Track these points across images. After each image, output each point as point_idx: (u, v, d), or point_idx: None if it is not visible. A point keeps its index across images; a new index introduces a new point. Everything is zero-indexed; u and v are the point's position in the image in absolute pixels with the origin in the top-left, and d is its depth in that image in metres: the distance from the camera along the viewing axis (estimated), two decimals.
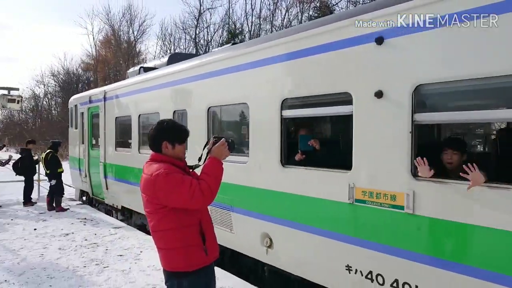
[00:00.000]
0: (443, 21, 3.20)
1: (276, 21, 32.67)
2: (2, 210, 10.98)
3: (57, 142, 11.66)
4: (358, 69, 3.90)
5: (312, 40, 4.36)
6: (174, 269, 2.88)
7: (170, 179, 2.72)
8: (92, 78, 49.45)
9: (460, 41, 3.13)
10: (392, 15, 3.57)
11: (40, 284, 5.59)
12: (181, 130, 3.02)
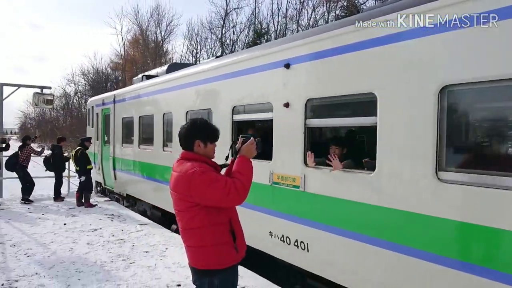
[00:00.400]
0: (319, 56, 4.76)
1: (302, 21, 32.48)
2: (34, 205, 11.34)
3: (86, 138, 11.95)
4: (276, 86, 5.41)
5: (251, 62, 5.98)
6: (205, 267, 2.88)
7: (206, 177, 2.74)
8: (120, 77, 50.46)
9: (329, 70, 4.66)
10: (296, 47, 5.11)
11: (69, 278, 5.74)
12: (214, 129, 3.06)
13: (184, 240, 2.99)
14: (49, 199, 12.14)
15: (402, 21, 3.78)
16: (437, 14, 3.49)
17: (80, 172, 11.20)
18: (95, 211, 10.50)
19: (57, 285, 5.46)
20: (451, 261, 3.39)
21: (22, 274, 5.85)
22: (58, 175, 12.15)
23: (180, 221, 2.95)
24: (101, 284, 5.50)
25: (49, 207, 11.14)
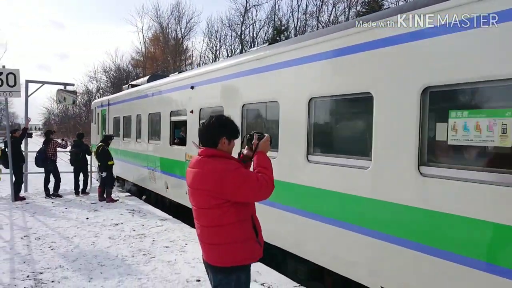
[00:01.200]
0: (206, 83, 7.93)
1: (322, 17, 32.25)
2: (58, 199, 11.60)
3: (108, 135, 12.14)
4: (187, 99, 8.82)
5: (179, 83, 9.39)
6: (233, 264, 2.86)
7: (240, 173, 2.78)
8: (141, 74, 51.07)
9: (212, 91, 7.74)
10: (195, 77, 8.53)
11: (91, 271, 5.85)
12: (237, 127, 3.08)
13: (205, 238, 2.92)
14: (72, 194, 12.40)
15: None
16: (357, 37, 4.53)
17: (102, 168, 11.40)
18: (116, 206, 10.67)
19: (80, 278, 5.57)
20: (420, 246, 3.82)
21: (47, 267, 5.99)
22: (85, 170, 12.58)
23: (202, 218, 2.90)
24: (122, 277, 5.60)
25: (72, 201, 11.38)
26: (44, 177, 12.04)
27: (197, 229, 3.02)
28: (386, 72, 4.14)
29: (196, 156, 3.01)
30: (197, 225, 3.00)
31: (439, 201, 3.63)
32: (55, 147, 12.08)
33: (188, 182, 2.99)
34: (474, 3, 3.37)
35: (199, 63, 44.81)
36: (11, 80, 10.79)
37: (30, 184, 12.98)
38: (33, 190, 12.79)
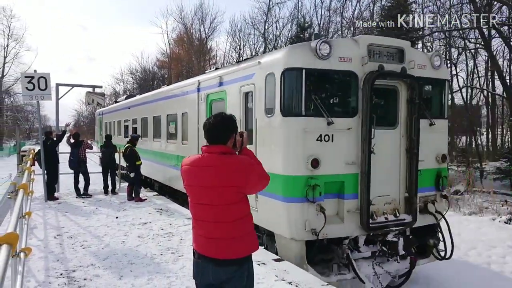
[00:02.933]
0: (134, 105, 16.15)
1: (346, 13, 31.85)
2: (89, 199, 11.89)
3: (135, 136, 12.36)
4: (128, 114, 16.79)
5: (130, 102, 17.16)
6: (247, 254, 2.93)
7: (260, 168, 2.98)
8: (166, 75, 51.74)
9: (142, 110, 14.98)
10: (131, 102, 16.92)
11: (122, 269, 5.97)
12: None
13: (219, 234, 2.88)
14: (101, 194, 12.70)
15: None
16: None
17: (129, 168, 11.61)
18: (144, 205, 10.86)
19: (111, 276, 5.69)
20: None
21: (79, 265, 6.15)
22: (113, 170, 12.87)
23: (217, 215, 2.88)
24: (151, 276, 5.69)
25: (102, 201, 11.64)
26: (74, 178, 12.38)
27: (202, 227, 2.96)
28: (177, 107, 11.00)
29: (201, 154, 2.97)
30: (205, 223, 2.94)
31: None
32: (85, 149, 12.44)
33: (194, 181, 2.95)
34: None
35: (223, 63, 45.07)
36: (42, 84, 11.10)
37: (62, 185, 13.35)
38: (64, 190, 13.15)
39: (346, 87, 6.24)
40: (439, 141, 6.81)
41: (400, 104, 6.45)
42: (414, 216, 6.36)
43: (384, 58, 6.30)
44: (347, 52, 6.02)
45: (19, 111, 58.90)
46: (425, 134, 6.47)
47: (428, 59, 6.81)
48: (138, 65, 57.49)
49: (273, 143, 6.26)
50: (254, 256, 3.05)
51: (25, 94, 11.12)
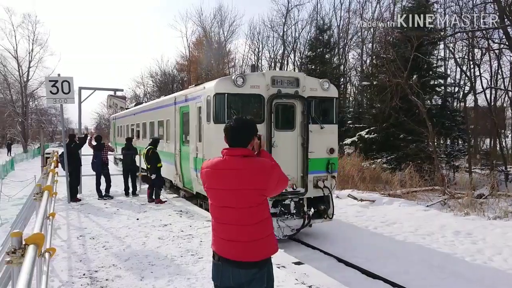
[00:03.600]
0: (138, 112, 18.73)
1: (366, 14, 31.56)
2: (110, 200, 12.08)
3: (157, 139, 12.50)
4: (134, 119, 19.38)
5: (138, 109, 19.34)
6: (267, 256, 2.93)
7: (280, 170, 2.99)
8: (186, 78, 52.16)
9: (144, 116, 17.60)
10: (137, 109, 19.40)
11: (143, 270, 6.04)
12: None
13: (241, 237, 2.89)
14: (122, 195, 12.88)
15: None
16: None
17: (151, 170, 11.74)
18: (164, 207, 10.96)
19: (132, 277, 5.76)
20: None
21: (101, 265, 6.25)
22: (133, 172, 13.13)
23: (240, 218, 2.89)
24: (172, 277, 5.73)
25: (123, 202, 11.80)
26: (96, 180, 12.60)
27: (223, 229, 2.97)
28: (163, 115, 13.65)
29: (222, 157, 2.99)
30: (226, 225, 2.95)
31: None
32: (107, 152, 12.69)
33: (215, 183, 2.97)
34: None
35: (241, 65, 45.22)
36: (66, 88, 11.33)
37: (84, 186, 13.60)
38: (86, 192, 13.39)
39: (256, 104, 8.88)
40: (329, 139, 9.35)
41: (296, 114, 9.04)
42: (306, 189, 8.91)
43: (284, 85, 8.93)
44: (256, 81, 8.75)
45: (43, 114, 60.38)
46: (318, 134, 9.04)
47: (319, 83, 9.34)
48: (158, 69, 58.21)
49: (210, 139, 9.01)
50: (273, 258, 3.04)
51: (49, 97, 11.38)
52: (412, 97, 15.36)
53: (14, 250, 2.44)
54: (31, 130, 55.95)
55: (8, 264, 2.50)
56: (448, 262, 7.77)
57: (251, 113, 8.81)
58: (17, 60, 47.36)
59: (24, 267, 2.10)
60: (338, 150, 14.39)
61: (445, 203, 12.49)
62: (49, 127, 67.94)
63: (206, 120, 9.20)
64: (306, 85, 9.13)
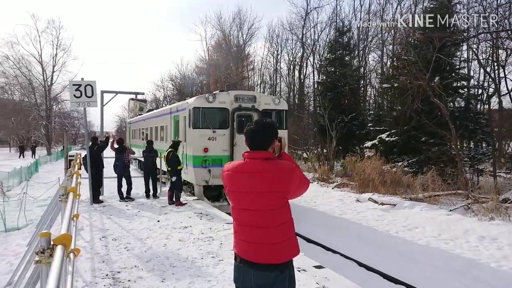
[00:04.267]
0: (148, 118, 21.75)
1: (387, 16, 31.23)
2: (131, 202, 12.24)
3: (177, 141, 12.62)
4: (146, 124, 22.13)
5: (150, 115, 21.41)
6: (289, 258, 2.93)
7: (301, 172, 2.99)
8: (205, 81, 52.53)
9: (149, 121, 21.47)
10: (147, 115, 22.26)
11: (164, 272, 6.09)
12: None
13: (263, 239, 2.90)
14: (143, 197, 13.04)
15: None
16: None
17: (171, 173, 11.85)
18: (185, 209, 11.04)
19: (153, 278, 5.82)
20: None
21: (123, 266, 6.33)
22: (154, 175, 13.31)
23: (263, 220, 2.90)
24: (193, 279, 5.76)
25: (144, 204, 11.95)
26: (118, 182, 12.80)
27: (245, 232, 2.97)
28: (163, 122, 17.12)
29: (243, 160, 3.00)
30: (248, 228, 2.96)
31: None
32: (129, 154, 12.89)
33: (237, 186, 2.98)
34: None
35: (260, 68, 45.31)
36: (89, 91, 11.55)
37: (105, 188, 13.83)
38: (108, 193, 13.61)
39: (223, 115, 12.08)
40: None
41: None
42: None
43: (244, 101, 12.09)
44: (223, 98, 12.04)
45: (66, 117, 61.69)
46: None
47: (272, 99, 12.82)
48: (178, 72, 58.83)
49: (190, 140, 12.33)
50: (294, 262, 3.03)
51: (73, 101, 11.61)
52: (434, 99, 15.08)
53: (43, 250, 2.50)
54: (54, 133, 57.19)
55: (37, 264, 2.57)
56: (472, 267, 7.60)
57: (219, 122, 12.09)
58: (41, 64, 48.54)
59: (53, 267, 2.15)
60: (358, 153, 18.72)
61: (468, 208, 12.22)
62: (71, 130, 69.35)
63: (188, 126, 12.29)
64: (261, 101, 12.30)
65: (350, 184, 17.06)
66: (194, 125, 11.78)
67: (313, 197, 14.86)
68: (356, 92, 27.97)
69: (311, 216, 11.85)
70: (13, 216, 10.54)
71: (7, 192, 16.18)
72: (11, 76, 50.67)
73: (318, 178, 19.25)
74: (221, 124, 11.98)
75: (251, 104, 12.07)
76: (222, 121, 11.92)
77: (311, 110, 35.69)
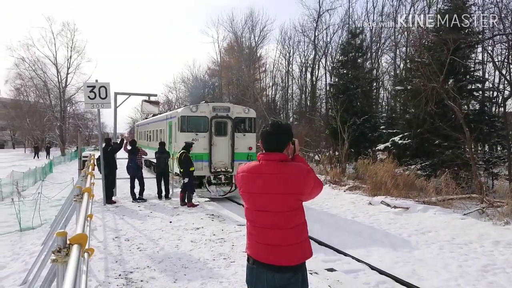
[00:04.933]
0: (152, 122, 25.09)
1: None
2: (144, 203, 12.34)
3: (190, 143, 12.70)
4: (147, 127, 26.79)
5: (150, 119, 25.49)
6: (302, 260, 2.94)
7: (315, 175, 2.97)
8: (217, 83, 52.72)
9: (150, 125, 25.75)
10: (150, 119, 25.74)
11: (176, 272, 6.13)
12: None
13: (278, 241, 2.90)
14: (155, 198, 13.13)
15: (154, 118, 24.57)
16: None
17: (183, 174, 11.91)
18: (196, 211, 11.10)
19: (166, 279, 5.86)
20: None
21: (136, 267, 6.39)
22: (166, 176, 13.40)
23: (278, 221, 2.90)
24: (205, 280, 5.79)
25: (156, 205, 12.03)
26: (130, 183, 12.91)
27: (259, 233, 2.97)
28: (161, 126, 20.30)
29: (258, 162, 3.01)
30: (262, 229, 2.96)
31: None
32: (142, 155, 12.99)
33: (252, 188, 2.98)
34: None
35: (272, 70, 45.32)
36: (103, 93, 11.70)
37: (118, 189, 13.96)
38: (121, 194, 13.73)
39: (203, 122, 14.83)
40: (249, 141, 15.16)
41: (228, 127, 15.04)
42: (232, 169, 14.47)
43: (220, 110, 14.93)
44: (204, 109, 14.89)
45: (79, 118, 62.41)
46: (241, 139, 15.01)
47: (243, 109, 15.59)
48: (190, 74, 59.15)
49: (178, 141, 14.60)
50: (306, 264, 3.03)
51: (87, 102, 11.77)
52: (449, 102, 14.90)
53: (59, 249, 2.54)
54: (68, 134, 57.90)
55: (53, 263, 2.60)
56: (487, 272, 7.48)
57: (201, 127, 14.87)
58: (56, 66, 49.22)
59: (70, 266, 2.18)
60: (370, 155, 19.86)
61: (483, 212, 12.04)
62: (85, 131, 70.14)
63: (177, 130, 15.20)
64: (234, 111, 15.24)
65: (362, 187, 16.93)
66: (181, 129, 14.80)
67: (325, 199, 14.79)
68: (368, 94, 27.78)
69: (323, 218, 11.80)
70: (28, 215, 10.69)
71: (22, 192, 16.41)
72: (26, 78, 51.68)
73: (330, 180, 19.15)
74: (202, 129, 14.82)
75: (225, 113, 15.00)
76: (202, 126, 14.87)
77: (323, 112, 35.57)
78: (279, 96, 45.00)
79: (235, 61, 48.06)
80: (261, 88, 45.41)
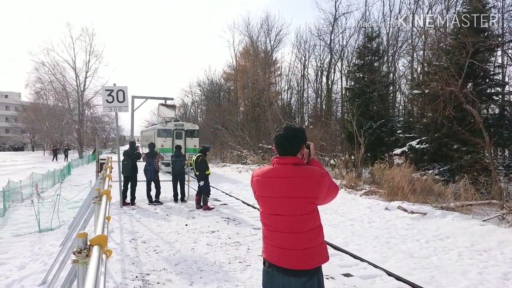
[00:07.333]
0: (150, 130, 37.70)
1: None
2: (160, 206, 12.43)
3: (206, 147, 12.75)
4: (144, 134, 41.37)
5: (150, 128, 38.80)
6: (318, 264, 2.93)
7: (330, 179, 2.97)
8: (232, 87, 52.89)
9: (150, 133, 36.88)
10: (156, 126, 34.52)
11: (192, 275, 6.15)
12: None
13: (294, 245, 2.90)
14: (171, 201, 13.23)
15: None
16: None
17: (199, 177, 11.97)
18: (212, 214, 11.13)
19: (182, 281, 5.89)
20: None
21: (152, 269, 6.44)
22: (182, 179, 13.47)
23: (293, 225, 2.89)
24: (220, 283, 5.79)
25: (172, 208, 12.11)
26: (146, 186, 13.04)
27: (274, 237, 2.97)
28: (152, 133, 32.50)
29: (272, 165, 3.01)
30: (278, 233, 2.95)
31: None
32: (159, 159, 13.14)
33: (266, 191, 2.98)
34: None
35: (288, 74, 45.29)
36: (121, 96, 11.84)
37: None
38: (137, 197, 13.85)
39: (169, 131, 28.48)
40: (194, 142, 28.86)
41: (184, 134, 28.53)
42: (185, 157, 16.44)
43: (178, 126, 28.90)
44: (170, 125, 28.68)
45: (97, 122, 63.36)
46: (190, 141, 28.72)
47: (191, 125, 30.63)
48: (206, 78, 59.52)
49: (157, 142, 26.28)
50: (322, 269, 3.03)
51: (105, 106, 11.92)
52: (467, 106, 14.67)
53: (80, 250, 2.58)
54: (86, 137, 58.79)
55: (74, 264, 2.64)
56: (508, 280, 7.32)
57: (168, 134, 27.96)
58: (75, 70, 50.00)
59: (91, 267, 2.21)
60: (387, 160, 19.81)
61: (503, 218, 11.79)
62: (102, 134, 71.13)
63: (156, 136, 27.76)
64: (186, 126, 28.96)
65: (379, 192, 16.75)
66: (158, 135, 27.75)
67: (341, 204, 14.68)
68: (385, 98, 27.53)
69: (338, 223, 11.71)
70: (46, 217, 10.88)
71: (41, 194, 16.72)
72: (46, 81, 52.58)
73: (346, 185, 19.00)
74: (168, 135, 27.76)
75: (181, 127, 28.48)
76: (169, 133, 27.82)
77: (338, 116, 35.38)
78: (295, 100, 44.96)
79: (250, 64, 48.16)
80: (277, 92, 45.42)
